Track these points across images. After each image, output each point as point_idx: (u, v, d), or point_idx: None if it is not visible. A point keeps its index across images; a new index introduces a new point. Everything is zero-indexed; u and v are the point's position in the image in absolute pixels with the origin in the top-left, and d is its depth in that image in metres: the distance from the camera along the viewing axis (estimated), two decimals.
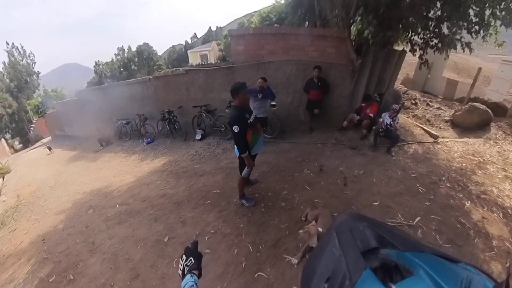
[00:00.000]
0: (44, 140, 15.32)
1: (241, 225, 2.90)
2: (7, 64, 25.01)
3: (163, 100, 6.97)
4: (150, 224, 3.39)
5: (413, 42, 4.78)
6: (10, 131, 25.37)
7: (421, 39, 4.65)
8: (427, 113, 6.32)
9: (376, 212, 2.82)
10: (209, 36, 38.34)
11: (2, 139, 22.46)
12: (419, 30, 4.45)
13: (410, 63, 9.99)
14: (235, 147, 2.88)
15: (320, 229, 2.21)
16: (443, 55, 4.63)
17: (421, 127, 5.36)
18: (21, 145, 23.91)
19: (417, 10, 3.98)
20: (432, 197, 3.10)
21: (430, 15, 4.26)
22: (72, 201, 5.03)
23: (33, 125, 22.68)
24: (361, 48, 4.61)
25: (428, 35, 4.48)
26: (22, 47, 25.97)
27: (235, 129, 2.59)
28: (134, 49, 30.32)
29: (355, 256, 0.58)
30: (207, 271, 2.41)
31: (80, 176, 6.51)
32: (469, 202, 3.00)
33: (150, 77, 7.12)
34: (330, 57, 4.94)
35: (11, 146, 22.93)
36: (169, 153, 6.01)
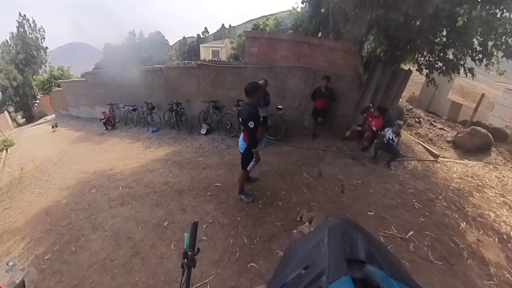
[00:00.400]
0: (48, 117, 15.46)
1: (239, 218, 3.07)
2: (15, 35, 24.81)
3: (172, 91, 7.14)
4: (151, 208, 3.55)
5: (420, 63, 4.98)
6: (13, 104, 25.18)
7: (426, 61, 4.85)
8: (430, 132, 6.45)
9: (370, 221, 2.96)
10: (222, 33, 38.36)
11: (5, 112, 22.50)
12: (425, 52, 4.65)
13: (416, 82, 10.19)
14: (240, 143, 3.05)
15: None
16: (448, 78, 4.83)
17: (423, 145, 5.49)
18: (24, 119, 23.95)
19: (424, 35, 4.17)
20: (427, 213, 3.16)
21: (436, 40, 4.45)
22: (75, 179, 5.16)
23: (37, 101, 22.74)
24: (369, 64, 4.80)
25: (434, 58, 4.68)
26: (34, 20, 25.84)
27: (251, 124, 2.72)
28: (145, 35, 30.37)
29: (339, 258, 0.56)
30: (202, 256, 2.58)
31: (84, 156, 6.65)
32: (464, 223, 3.05)
33: (162, 66, 7.26)
34: (339, 69, 5.12)
35: (14, 120, 23.01)
36: (174, 144, 6.18)
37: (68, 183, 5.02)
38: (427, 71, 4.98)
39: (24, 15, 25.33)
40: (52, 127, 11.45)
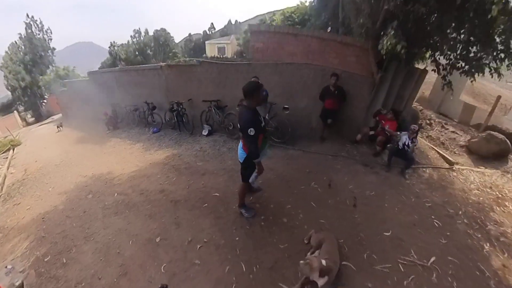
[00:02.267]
0: (55, 117, 15.62)
1: (237, 238, 2.77)
2: (23, 36, 25.15)
3: (173, 91, 6.88)
4: (145, 220, 3.33)
5: (438, 62, 4.52)
6: (23, 104, 25.81)
7: (447, 60, 4.39)
8: (442, 135, 6.03)
9: (386, 244, 2.64)
10: (228, 29, 37.89)
11: (15, 112, 23.16)
12: (446, 50, 4.21)
13: (426, 81, 9.53)
14: (239, 152, 2.73)
15: (323, 262, 1.98)
16: (465, 78, 4.37)
17: (436, 151, 5.13)
18: (33, 118, 24.47)
19: (445, 31, 3.75)
20: (448, 233, 2.87)
21: (459, 37, 4.00)
22: (74, 182, 5.10)
23: (45, 101, 23.13)
24: (382, 62, 4.42)
25: (455, 57, 4.22)
26: (41, 21, 26.17)
27: (251, 132, 2.38)
28: (151, 33, 30.21)
29: None
30: (194, 284, 2.32)
31: (85, 158, 6.56)
32: (488, 244, 2.77)
33: (163, 64, 6.98)
34: (350, 67, 4.75)
35: (23, 119, 23.59)
36: (174, 146, 5.93)
37: (67, 187, 4.97)
38: (445, 72, 4.52)
39: (32, 17, 25.66)
40: (57, 127, 11.52)
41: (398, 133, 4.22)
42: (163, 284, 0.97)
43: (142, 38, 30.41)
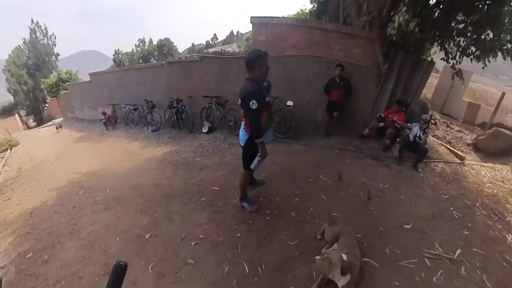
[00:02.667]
0: (56, 120, 15.62)
1: (238, 234, 2.43)
2: (28, 41, 25.69)
3: (174, 88, 6.68)
4: (135, 215, 3.02)
5: (447, 50, 4.30)
6: (25, 108, 26.07)
7: (456, 45, 4.17)
8: (448, 134, 5.93)
9: (409, 237, 2.33)
10: (230, 39, 38.64)
11: (16, 115, 23.50)
12: (455, 35, 3.99)
13: (427, 85, 9.49)
14: (240, 134, 2.42)
15: (344, 256, 1.64)
16: (468, 79, 4.15)
17: (446, 146, 4.98)
18: (35, 123, 24.66)
19: (455, 15, 3.55)
20: (469, 225, 2.68)
21: (468, 20, 3.78)
22: (67, 179, 4.89)
23: (47, 105, 23.27)
24: (388, 53, 4.25)
25: (467, 41, 3.98)
26: (46, 27, 26.88)
27: (253, 104, 2.06)
28: (155, 42, 30.74)
29: None
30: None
31: (80, 156, 6.35)
32: (510, 235, 2.60)
33: (164, 62, 6.84)
34: (355, 58, 4.55)
35: (24, 123, 23.85)
36: (172, 143, 5.67)
37: (59, 184, 4.76)
38: (454, 61, 4.34)
39: (37, 22, 26.53)
40: (56, 128, 11.49)
41: (409, 124, 3.96)
42: (121, 261, 0.67)
43: (146, 47, 30.97)
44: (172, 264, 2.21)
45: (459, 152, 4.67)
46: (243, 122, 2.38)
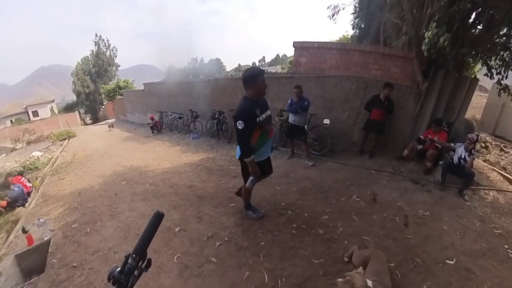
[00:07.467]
0: (109, 121, 17.57)
1: (262, 243, 2.41)
2: (94, 52, 31.23)
3: (217, 101, 7.18)
4: (168, 210, 3.21)
5: (490, 66, 3.96)
6: (84, 107, 31.23)
7: (500, 59, 3.82)
8: (502, 159, 5.04)
9: (451, 275, 2.02)
10: (276, 62, 40.62)
11: (76, 112, 28.03)
12: (498, 50, 3.69)
13: (475, 106, 8.52)
14: (237, 148, 2.43)
15: (369, 283, 1.51)
16: None
17: (499, 172, 4.24)
18: (91, 121, 28.84)
19: (497, 30, 3.37)
20: None
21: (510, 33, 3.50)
22: (113, 170, 5.44)
23: (103, 107, 26.74)
24: (428, 71, 4.11)
25: (510, 55, 3.63)
26: (108, 40, 32.40)
27: (239, 125, 2.05)
28: (206, 61, 33.70)
29: None
30: (206, 283, 2.02)
31: (126, 152, 7.03)
32: None
33: (211, 78, 7.48)
34: (394, 77, 4.49)
35: (82, 119, 28.33)
36: (210, 151, 5.97)
37: (105, 173, 5.33)
38: (499, 76, 3.92)
39: (100, 36, 32.37)
40: (109, 126, 12.91)
41: (452, 144, 3.55)
42: (160, 211, 0.81)
43: (197, 65, 34.06)
44: (196, 259, 2.27)
45: None
46: None
